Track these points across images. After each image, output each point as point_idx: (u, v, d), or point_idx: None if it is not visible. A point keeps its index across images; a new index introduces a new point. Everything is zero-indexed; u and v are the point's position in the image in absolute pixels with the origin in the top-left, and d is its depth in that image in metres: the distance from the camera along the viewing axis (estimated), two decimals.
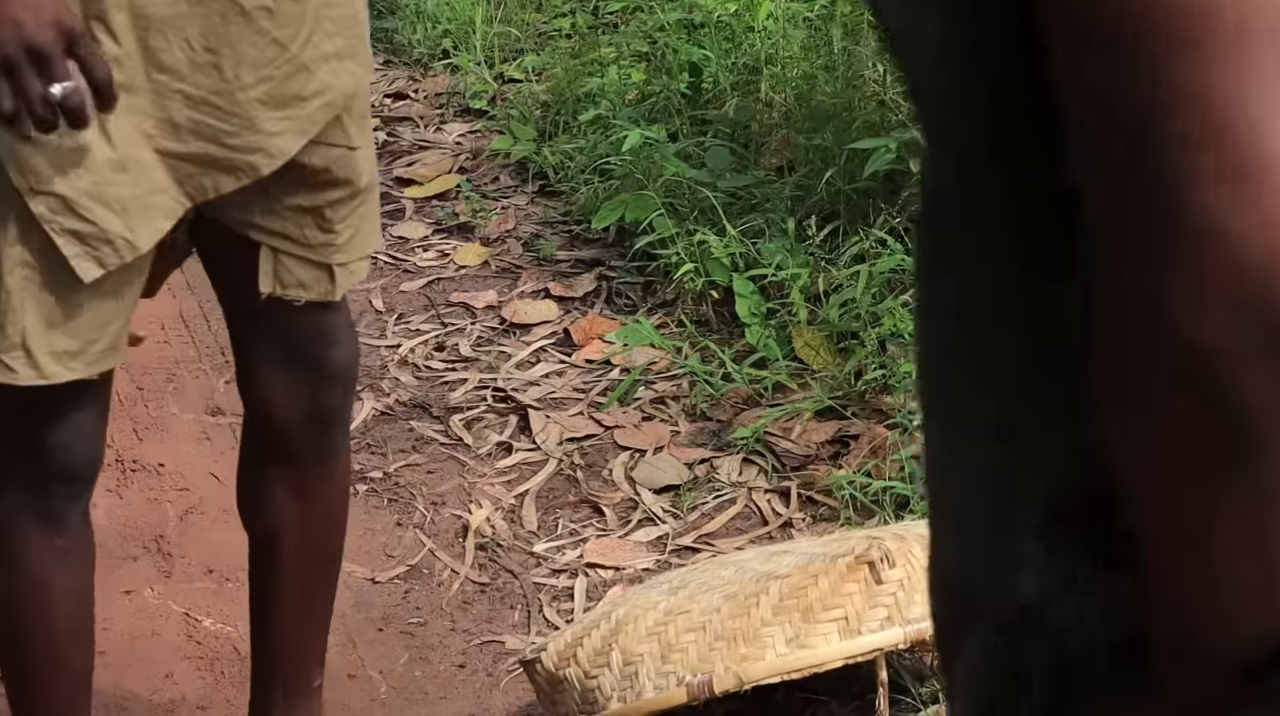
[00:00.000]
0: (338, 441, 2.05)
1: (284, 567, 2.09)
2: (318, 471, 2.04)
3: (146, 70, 1.71)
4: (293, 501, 2.05)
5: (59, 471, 1.86)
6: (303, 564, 2.09)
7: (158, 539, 2.86)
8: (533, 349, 3.35)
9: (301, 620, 2.13)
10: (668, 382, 3.19)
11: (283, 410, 1.98)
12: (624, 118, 3.85)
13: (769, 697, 2.38)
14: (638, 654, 2.18)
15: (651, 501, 2.88)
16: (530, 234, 3.78)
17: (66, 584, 1.94)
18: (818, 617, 2.12)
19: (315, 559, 2.09)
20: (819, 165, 3.45)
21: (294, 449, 2.02)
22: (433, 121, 4.38)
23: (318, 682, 2.17)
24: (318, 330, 1.94)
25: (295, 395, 1.96)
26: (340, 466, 2.07)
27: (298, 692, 2.15)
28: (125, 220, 1.73)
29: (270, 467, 2.05)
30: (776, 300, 3.21)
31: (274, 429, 2.01)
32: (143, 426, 3.13)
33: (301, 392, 1.97)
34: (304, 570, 2.09)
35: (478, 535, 2.83)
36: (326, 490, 2.06)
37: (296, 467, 2.03)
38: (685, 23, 4.19)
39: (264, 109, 1.74)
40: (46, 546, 1.90)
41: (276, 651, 2.14)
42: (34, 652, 1.96)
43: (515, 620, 2.65)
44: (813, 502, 2.82)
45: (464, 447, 3.08)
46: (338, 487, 2.08)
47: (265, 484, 2.05)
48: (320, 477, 2.04)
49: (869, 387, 2.97)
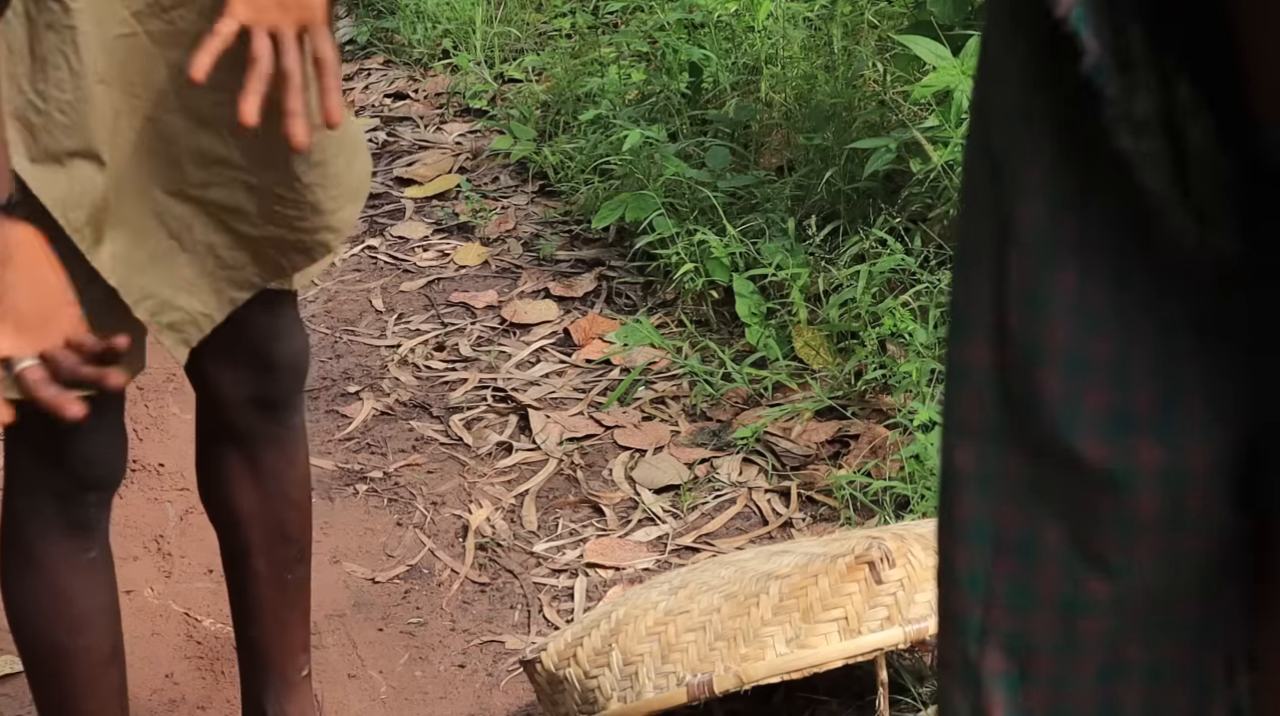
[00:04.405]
0: (292, 424, 2.05)
1: (249, 553, 2.09)
2: (274, 454, 2.04)
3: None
4: (249, 483, 2.05)
5: (91, 479, 1.86)
6: (267, 549, 2.08)
7: (158, 539, 2.86)
8: (533, 349, 3.35)
9: (276, 607, 2.12)
10: (668, 382, 3.19)
11: (229, 397, 2.00)
12: (624, 118, 3.85)
13: (769, 697, 2.38)
14: (638, 654, 2.18)
15: (651, 501, 2.88)
16: (530, 234, 3.78)
17: (100, 601, 1.93)
18: (818, 617, 2.12)
19: (279, 543, 2.08)
20: (819, 165, 3.45)
21: (247, 433, 2.02)
22: (433, 121, 4.38)
23: (305, 672, 2.17)
24: (268, 324, 1.94)
25: (240, 384, 1.98)
26: (298, 448, 2.07)
27: (284, 682, 2.16)
28: (207, 299, 1.81)
29: (224, 450, 2.04)
30: (776, 300, 3.21)
31: (223, 413, 2.02)
32: (143, 426, 3.13)
33: (247, 383, 1.98)
34: (269, 555, 2.09)
35: (478, 535, 2.83)
36: (286, 470, 2.06)
37: (252, 450, 2.03)
38: (685, 23, 4.19)
39: (322, 192, 1.80)
40: (79, 562, 1.89)
41: (257, 641, 2.15)
42: (71, 675, 1.95)
43: (515, 620, 2.65)
44: (813, 502, 2.82)
45: (464, 447, 3.08)
46: (297, 468, 2.07)
47: (220, 464, 2.05)
48: (276, 458, 2.04)
49: (869, 387, 2.97)
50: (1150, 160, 0.77)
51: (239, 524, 2.08)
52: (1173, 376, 0.81)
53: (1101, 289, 0.81)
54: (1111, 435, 0.82)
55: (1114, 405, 0.82)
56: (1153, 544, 0.84)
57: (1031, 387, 0.84)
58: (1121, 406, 0.82)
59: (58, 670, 1.94)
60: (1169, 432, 0.81)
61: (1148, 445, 0.82)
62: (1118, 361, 0.81)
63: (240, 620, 2.15)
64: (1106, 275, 0.81)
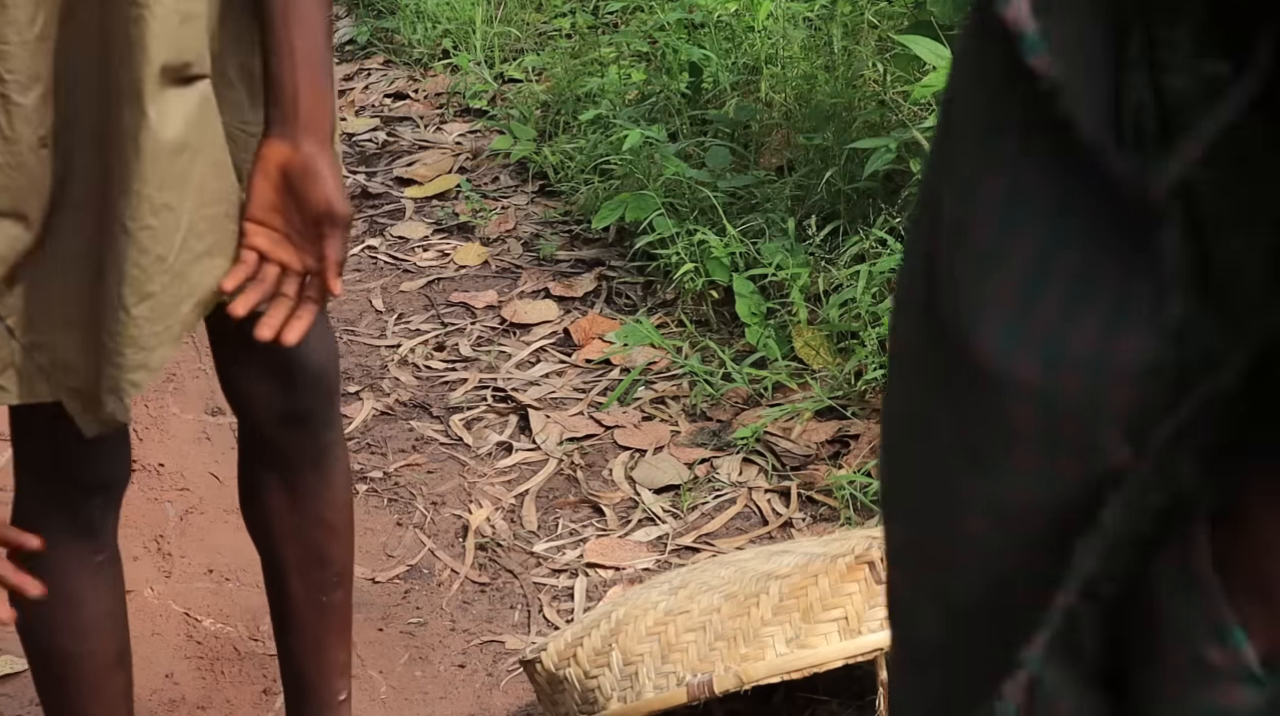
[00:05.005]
0: (328, 445, 2.02)
1: (285, 574, 2.07)
2: (311, 476, 2.02)
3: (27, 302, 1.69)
4: (287, 506, 2.03)
5: (95, 482, 1.86)
6: (303, 571, 2.07)
7: (158, 539, 2.86)
8: (533, 349, 3.35)
9: (314, 629, 2.10)
10: (668, 382, 3.19)
11: (262, 412, 1.97)
12: (624, 117, 3.85)
13: (769, 697, 2.38)
14: (638, 654, 2.18)
15: (651, 501, 2.88)
16: (530, 234, 3.78)
17: (107, 606, 1.93)
18: (818, 617, 2.12)
19: (315, 566, 2.07)
20: (819, 165, 3.45)
21: (282, 452, 2.00)
22: (433, 121, 4.39)
23: (343, 696, 2.14)
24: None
25: (271, 396, 1.95)
26: (334, 468, 2.05)
27: (321, 705, 2.13)
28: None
29: (262, 470, 2.03)
30: (776, 300, 3.21)
31: (258, 431, 2.00)
32: (142, 426, 3.13)
33: (277, 396, 1.95)
34: (305, 577, 2.07)
35: (478, 535, 2.83)
36: (322, 491, 2.04)
37: (288, 471, 2.01)
38: (685, 23, 4.20)
39: (148, 324, 1.68)
40: (87, 565, 1.89)
41: (294, 662, 2.13)
42: (78, 679, 1.95)
43: (515, 620, 2.65)
44: (813, 502, 2.82)
45: (464, 447, 3.08)
46: (335, 491, 2.05)
47: (259, 487, 2.04)
48: (313, 479, 2.02)
49: (869, 387, 2.97)
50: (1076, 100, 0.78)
51: (275, 544, 2.06)
52: (1076, 297, 0.81)
53: (1035, 184, 0.82)
54: (1003, 336, 0.83)
55: (1013, 307, 0.83)
56: (1028, 457, 0.85)
57: (950, 273, 0.86)
58: (1019, 310, 0.83)
59: (65, 674, 1.94)
60: (1050, 354, 0.82)
61: (1027, 357, 0.83)
62: (1033, 266, 0.82)
63: (279, 640, 2.13)
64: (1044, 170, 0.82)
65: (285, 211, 1.67)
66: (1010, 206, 0.82)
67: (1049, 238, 0.81)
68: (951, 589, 0.92)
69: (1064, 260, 0.81)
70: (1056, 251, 0.81)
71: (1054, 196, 0.81)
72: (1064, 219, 0.81)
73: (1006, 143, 0.82)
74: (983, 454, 0.86)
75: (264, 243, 1.67)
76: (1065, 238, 0.81)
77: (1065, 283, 0.81)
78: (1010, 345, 0.82)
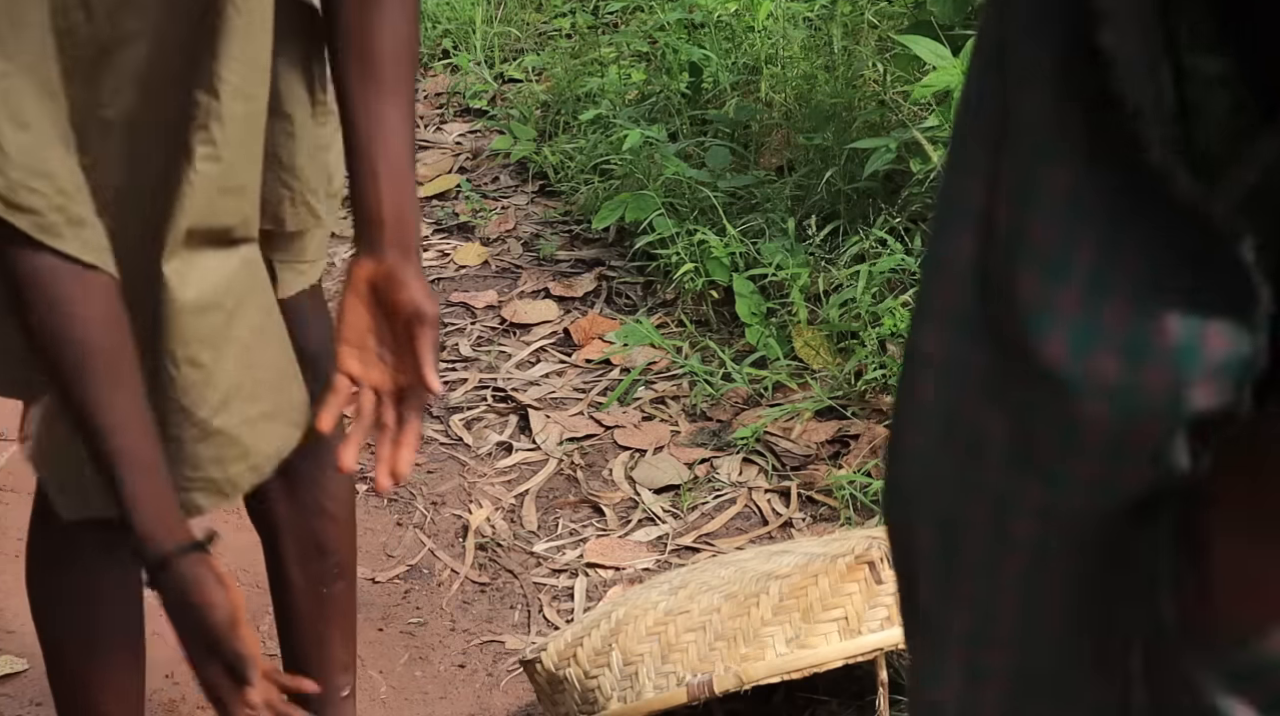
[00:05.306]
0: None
1: (284, 564, 2.08)
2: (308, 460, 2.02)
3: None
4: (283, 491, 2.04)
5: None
6: (302, 560, 2.07)
7: None
8: (533, 349, 3.35)
9: (314, 622, 2.11)
10: (668, 382, 3.19)
11: None
12: (624, 117, 3.85)
13: (769, 697, 2.38)
14: (638, 654, 2.18)
15: (651, 501, 2.88)
16: (530, 234, 3.78)
17: (127, 610, 1.93)
18: (818, 617, 2.12)
19: (314, 555, 2.07)
20: (819, 165, 3.45)
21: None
22: (433, 121, 4.39)
23: (346, 692, 2.14)
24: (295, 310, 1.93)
25: None
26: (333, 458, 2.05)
27: (324, 701, 2.13)
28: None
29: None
30: (776, 300, 3.21)
31: None
32: None
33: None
34: (304, 567, 2.08)
35: (478, 535, 2.84)
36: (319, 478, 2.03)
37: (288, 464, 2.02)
38: (685, 23, 4.20)
39: (177, 467, 1.69)
40: (108, 563, 1.88)
41: (296, 656, 2.12)
42: (97, 683, 1.94)
43: (515, 620, 2.65)
44: (813, 502, 2.82)
45: (464, 447, 3.08)
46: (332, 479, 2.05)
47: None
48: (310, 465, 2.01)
49: (869, 387, 2.97)
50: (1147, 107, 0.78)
51: (274, 533, 2.07)
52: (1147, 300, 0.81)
53: (1094, 194, 0.82)
54: (1073, 338, 0.83)
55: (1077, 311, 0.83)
56: (1092, 466, 0.85)
57: (1009, 282, 0.85)
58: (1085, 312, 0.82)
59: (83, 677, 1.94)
60: (1133, 351, 0.82)
61: (1105, 355, 0.82)
62: (1096, 271, 0.82)
63: (281, 634, 2.14)
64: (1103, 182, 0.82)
65: (377, 329, 1.67)
66: (1072, 212, 0.82)
67: (1111, 242, 0.81)
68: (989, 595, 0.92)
69: (1129, 264, 0.81)
70: (1119, 255, 0.81)
71: (1116, 203, 0.81)
72: (1126, 224, 0.81)
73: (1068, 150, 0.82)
74: (1043, 460, 0.86)
75: (356, 367, 1.67)
76: (1127, 242, 0.81)
77: (1132, 284, 0.81)
78: (1083, 346, 0.82)
